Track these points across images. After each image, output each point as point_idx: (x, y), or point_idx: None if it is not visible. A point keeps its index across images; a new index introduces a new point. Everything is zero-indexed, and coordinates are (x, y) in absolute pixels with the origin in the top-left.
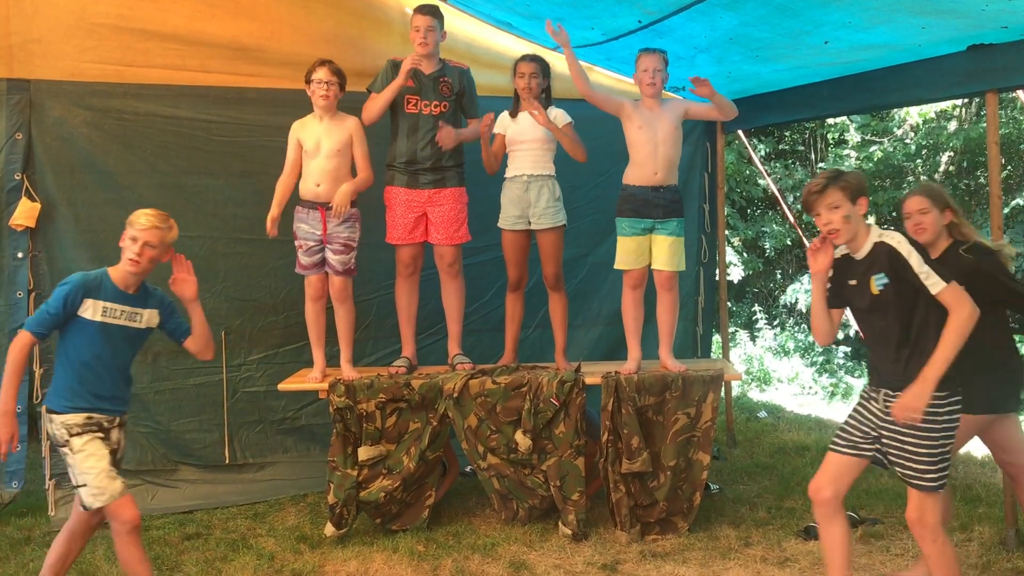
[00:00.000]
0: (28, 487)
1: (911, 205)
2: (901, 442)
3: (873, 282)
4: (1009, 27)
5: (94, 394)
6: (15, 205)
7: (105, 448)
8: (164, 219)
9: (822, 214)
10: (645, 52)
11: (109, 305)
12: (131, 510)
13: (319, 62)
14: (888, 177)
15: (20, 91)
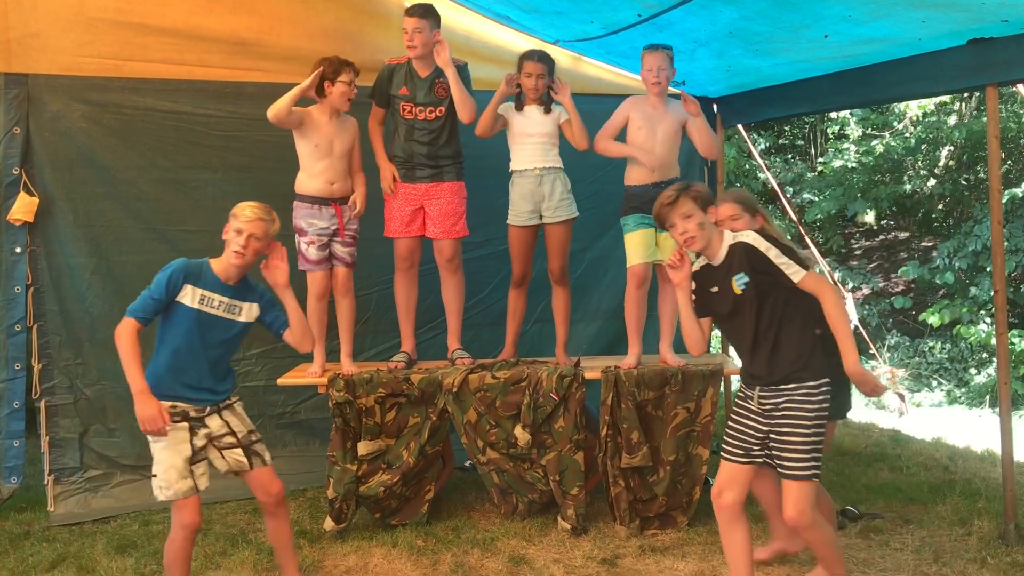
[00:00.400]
0: (27, 482)
1: (723, 212)
2: (780, 435)
3: (735, 283)
4: (1009, 20)
5: (183, 384)
6: (13, 200)
7: (185, 442)
8: (268, 211)
9: (677, 224)
10: (649, 50)
11: (207, 294)
12: (191, 514)
13: (341, 62)
14: (888, 172)
15: (18, 85)
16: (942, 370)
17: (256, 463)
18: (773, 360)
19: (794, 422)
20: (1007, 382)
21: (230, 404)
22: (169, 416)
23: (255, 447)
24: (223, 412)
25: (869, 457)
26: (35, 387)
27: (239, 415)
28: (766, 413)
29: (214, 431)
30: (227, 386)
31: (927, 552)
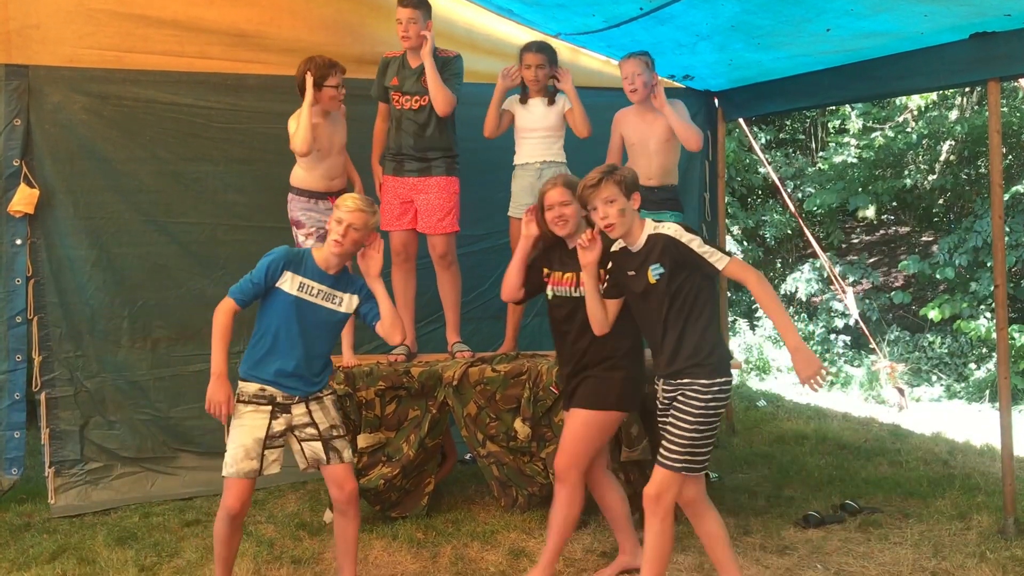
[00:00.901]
0: (28, 474)
1: (553, 197)
2: (664, 425)
3: (650, 272)
4: (1012, 15)
5: (276, 370)
6: (13, 191)
7: (262, 425)
8: (370, 204)
9: (598, 208)
10: (624, 59)
11: (307, 282)
12: (234, 498)
13: (329, 64)
14: (889, 166)
15: (19, 77)
16: (942, 365)
17: (333, 458)
18: (675, 353)
19: (680, 415)
20: (1007, 377)
21: (320, 397)
22: (255, 398)
23: (334, 442)
24: (310, 403)
25: (869, 451)
26: (35, 379)
27: (326, 408)
28: (666, 405)
29: (295, 420)
30: (321, 379)
31: (926, 546)
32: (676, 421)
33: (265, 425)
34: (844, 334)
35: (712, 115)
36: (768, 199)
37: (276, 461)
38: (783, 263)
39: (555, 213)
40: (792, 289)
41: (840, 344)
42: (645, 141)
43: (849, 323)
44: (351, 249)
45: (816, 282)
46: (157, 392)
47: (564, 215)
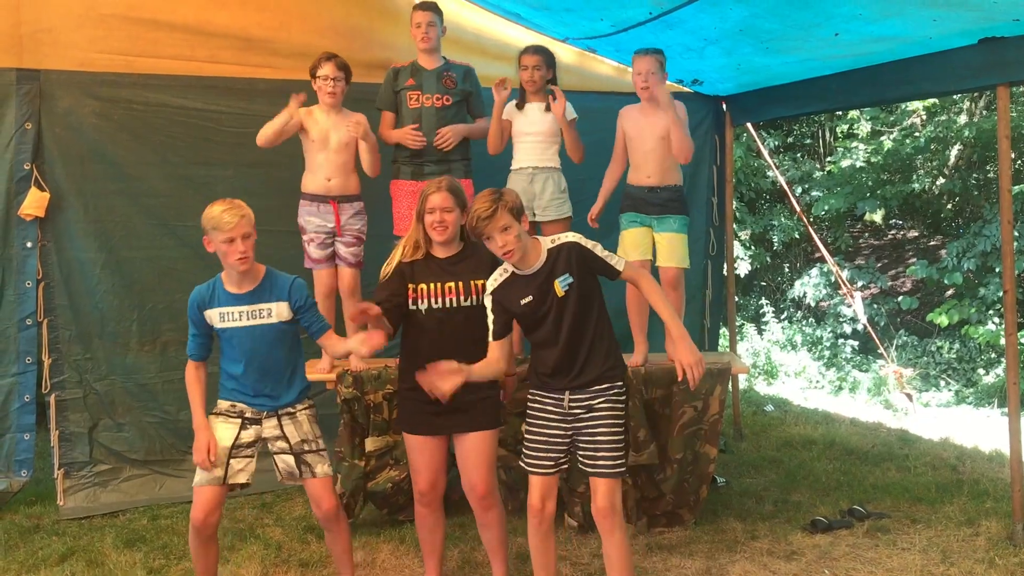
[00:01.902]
0: (37, 476)
1: (436, 201)
2: (593, 435)
3: (558, 285)
4: (1021, 20)
5: (238, 391)
6: (24, 195)
7: (229, 433)
8: (240, 205)
9: (495, 238)
10: (639, 54)
11: (225, 310)
12: (198, 507)
13: (324, 57)
14: (897, 171)
15: (30, 81)
16: (950, 370)
17: (306, 472)
18: (588, 361)
19: (608, 421)
20: (1016, 382)
21: (292, 412)
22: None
23: (306, 456)
24: (282, 417)
25: (876, 457)
26: (45, 381)
27: (299, 423)
28: (574, 417)
29: (266, 432)
30: (290, 395)
31: (934, 552)
32: (606, 427)
33: (233, 435)
34: (852, 339)
35: (720, 119)
36: (776, 203)
37: (243, 471)
38: (791, 268)
39: (436, 218)
40: (800, 294)
41: (848, 349)
42: (643, 137)
43: (857, 328)
44: (251, 255)
45: (824, 287)
46: (166, 395)
47: (445, 221)
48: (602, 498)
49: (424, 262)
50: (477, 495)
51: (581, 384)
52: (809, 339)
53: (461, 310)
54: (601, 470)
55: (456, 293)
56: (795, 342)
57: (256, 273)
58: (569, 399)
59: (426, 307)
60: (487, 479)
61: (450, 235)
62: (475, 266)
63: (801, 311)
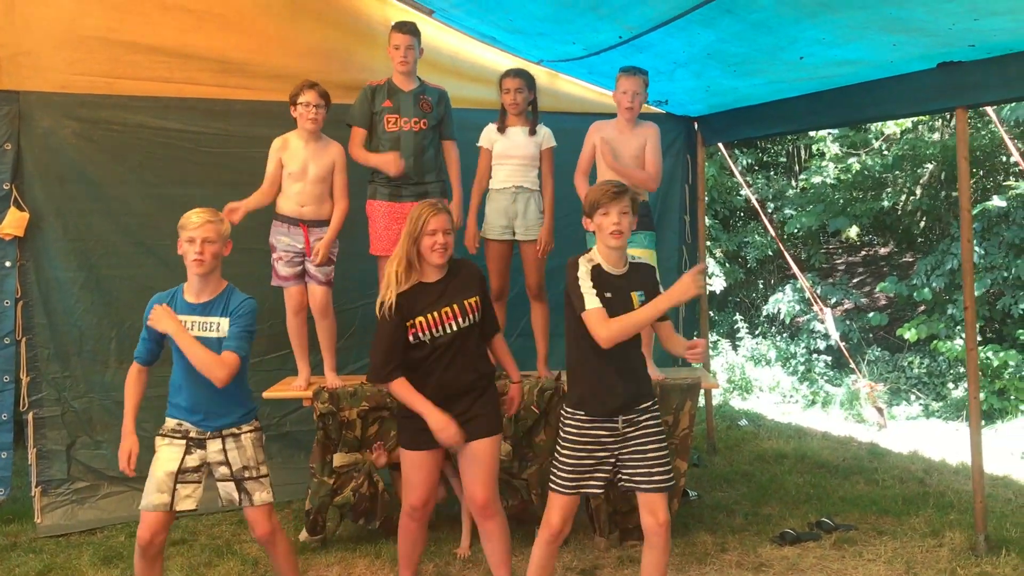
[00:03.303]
0: (15, 494)
1: (438, 223)
2: (644, 451)
3: (635, 297)
4: (976, 45)
5: (182, 407)
6: (3, 214)
7: (174, 458)
8: (215, 213)
9: (611, 214)
10: (626, 73)
11: (181, 319)
12: (144, 527)
13: (306, 84)
14: (868, 189)
15: (9, 102)
16: (920, 384)
17: (244, 500)
18: (641, 377)
19: (656, 435)
20: (977, 396)
21: (237, 434)
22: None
23: (246, 484)
24: (227, 439)
25: (846, 470)
26: (23, 399)
27: (242, 447)
28: (623, 436)
29: (211, 456)
30: (234, 414)
31: (899, 563)
32: (656, 442)
33: (178, 459)
34: (825, 354)
35: (692, 139)
36: (750, 221)
37: (190, 497)
38: (765, 284)
39: (440, 240)
40: (774, 310)
41: (821, 364)
42: (618, 152)
43: (830, 343)
44: (212, 264)
45: (798, 303)
46: (144, 412)
47: (448, 244)
48: (663, 511)
49: (414, 292)
50: (478, 505)
51: (635, 400)
52: (783, 354)
53: (461, 332)
54: (659, 484)
55: (453, 316)
56: (769, 357)
57: (216, 286)
58: (623, 419)
59: (428, 337)
60: (488, 489)
61: (447, 257)
62: (464, 284)
63: (775, 327)
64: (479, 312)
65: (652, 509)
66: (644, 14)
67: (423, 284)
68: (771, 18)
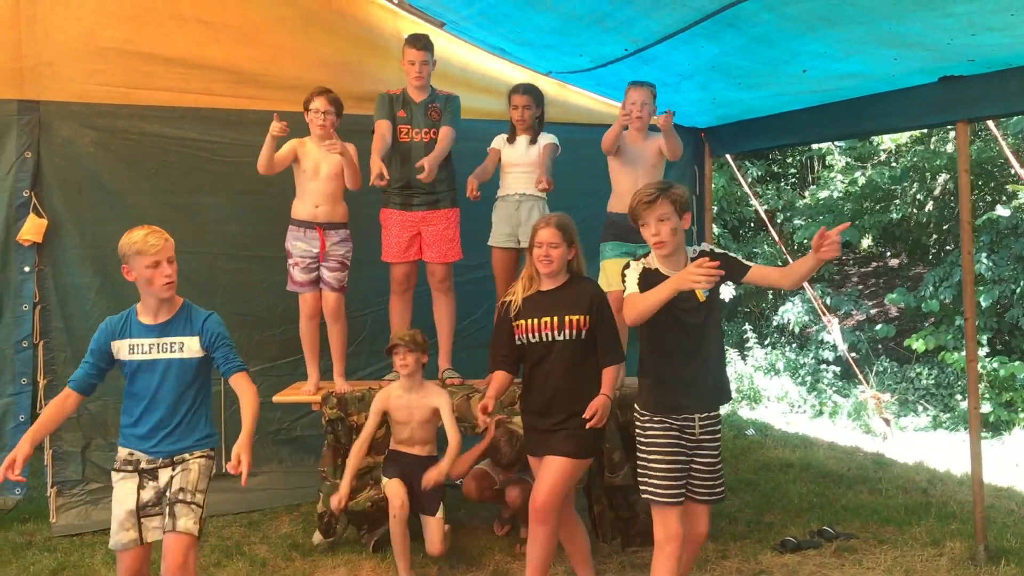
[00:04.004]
0: (31, 494)
1: (544, 236)
2: (712, 462)
3: (699, 292)
4: (975, 60)
5: (137, 435)
6: (23, 221)
7: (130, 494)
8: (157, 230)
9: (650, 224)
10: (634, 86)
11: (135, 342)
12: (122, 570)
13: (317, 91)
14: (878, 200)
15: (30, 112)
16: (928, 395)
17: (168, 524)
18: (715, 377)
19: (718, 446)
20: (977, 407)
21: (186, 460)
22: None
23: (176, 507)
24: (176, 466)
25: (850, 480)
26: (40, 402)
27: (188, 471)
28: (697, 443)
29: (163, 485)
30: (189, 440)
31: (898, 571)
32: (718, 453)
33: (134, 496)
34: (834, 365)
35: (700, 151)
36: (760, 231)
37: (157, 528)
38: (775, 294)
39: (543, 252)
40: (784, 321)
41: (830, 374)
42: (633, 163)
43: (839, 354)
44: (175, 281)
45: (807, 313)
46: None
47: (551, 256)
48: (706, 524)
49: (531, 297)
50: (536, 506)
51: (709, 404)
52: (792, 364)
53: (556, 343)
54: (716, 497)
55: (551, 328)
56: (778, 367)
57: (173, 304)
58: (699, 422)
59: (526, 341)
60: (550, 496)
61: (554, 268)
62: (573, 300)
63: (784, 337)
64: (585, 331)
65: (697, 519)
66: (648, 28)
67: (540, 292)
68: (773, 32)
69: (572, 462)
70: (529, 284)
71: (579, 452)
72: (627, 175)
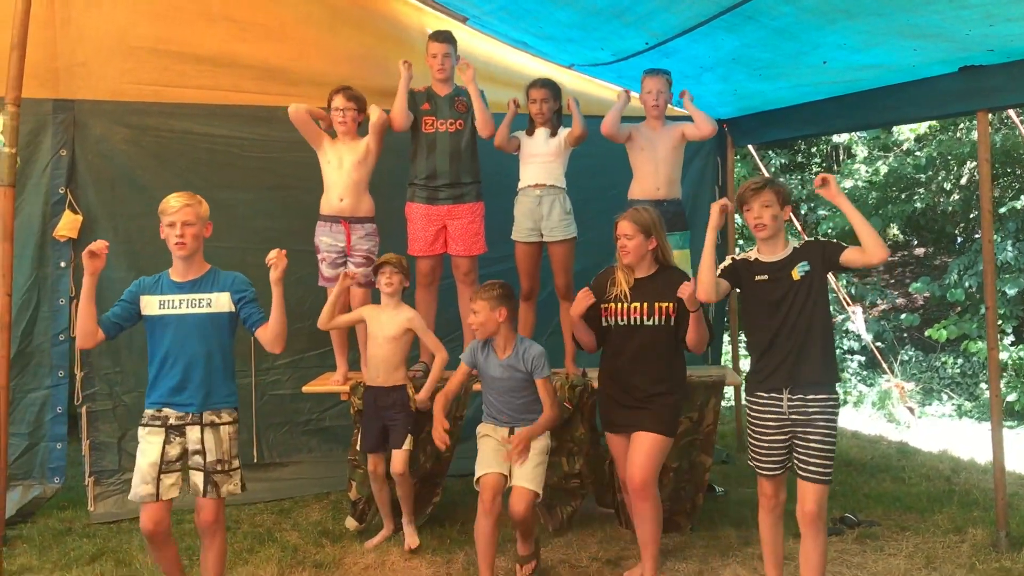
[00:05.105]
0: (69, 483)
1: (620, 229)
2: (807, 441)
3: (796, 269)
4: (995, 50)
5: (167, 388)
6: (59, 217)
7: (155, 448)
8: (192, 196)
9: (754, 208)
10: (649, 74)
11: (166, 297)
12: (146, 520)
13: (336, 90)
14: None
15: (65, 111)
16: (953, 384)
17: (210, 492)
18: (807, 360)
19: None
20: (997, 395)
21: (216, 423)
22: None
23: (215, 476)
24: (205, 427)
25: (873, 468)
26: (77, 394)
27: (220, 439)
28: (791, 422)
29: (190, 444)
30: (217, 395)
31: (919, 557)
32: (820, 435)
33: (159, 450)
34: (859, 354)
35: (722, 142)
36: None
37: (174, 486)
38: None
39: (620, 244)
40: None
41: (855, 363)
42: (655, 148)
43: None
44: (195, 245)
45: (831, 303)
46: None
47: (627, 247)
48: (811, 502)
49: None
50: (634, 486)
51: (800, 384)
52: None
53: (644, 328)
54: (812, 475)
55: (640, 312)
56: None
57: (200, 266)
58: (788, 402)
59: (613, 324)
60: (644, 473)
61: (633, 259)
62: (661, 289)
63: None
64: (673, 318)
65: (802, 497)
66: (668, 21)
67: (637, 279)
68: (793, 25)
69: (662, 438)
70: (630, 273)
71: (668, 430)
72: (647, 161)
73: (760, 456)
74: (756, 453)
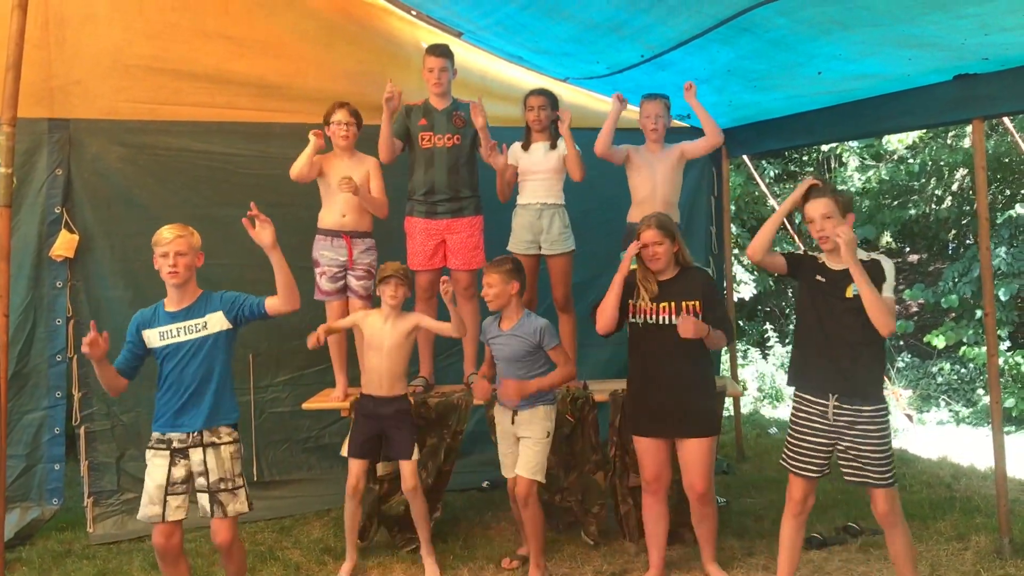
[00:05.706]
0: (68, 504)
1: (646, 236)
2: (858, 449)
3: (849, 288)
4: (990, 59)
5: (172, 411)
6: (55, 237)
7: (161, 470)
8: (183, 227)
9: (816, 221)
10: (648, 99)
11: (165, 328)
12: (156, 536)
13: (337, 104)
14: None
15: (61, 130)
16: (950, 391)
17: (217, 512)
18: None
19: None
20: (998, 401)
21: (216, 443)
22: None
23: (220, 495)
24: (207, 448)
25: None
26: (75, 414)
27: (221, 459)
28: (836, 430)
29: (194, 466)
30: (218, 417)
31: (923, 565)
32: (871, 443)
33: (165, 472)
34: None
35: (717, 152)
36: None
37: (180, 508)
38: (794, 292)
39: (649, 252)
40: None
41: None
42: (653, 171)
43: None
44: (187, 275)
45: None
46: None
47: (657, 253)
48: (881, 504)
49: None
50: (696, 493)
51: (846, 394)
52: None
53: (672, 327)
54: (872, 482)
55: (669, 312)
56: None
57: (193, 293)
58: (834, 409)
59: (641, 322)
60: (705, 479)
61: (662, 264)
62: (687, 289)
63: None
64: (700, 316)
65: (873, 502)
66: (664, 34)
67: (660, 282)
68: (787, 36)
69: (710, 440)
70: (653, 279)
71: (712, 429)
72: (645, 185)
73: (798, 457)
74: (795, 453)
